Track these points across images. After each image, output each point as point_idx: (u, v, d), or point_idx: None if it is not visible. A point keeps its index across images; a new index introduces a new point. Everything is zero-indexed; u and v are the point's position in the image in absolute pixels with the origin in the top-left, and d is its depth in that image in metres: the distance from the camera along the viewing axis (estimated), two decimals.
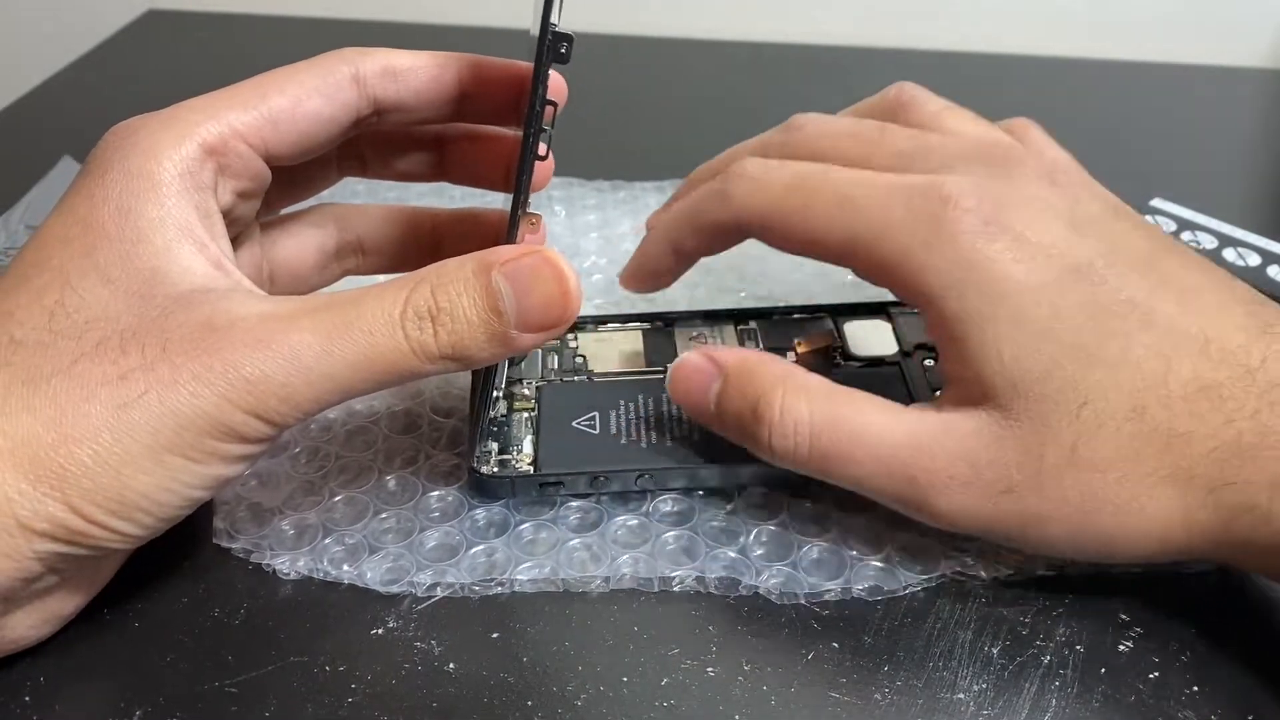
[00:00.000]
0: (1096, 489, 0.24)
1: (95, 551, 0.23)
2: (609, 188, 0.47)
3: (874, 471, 0.26)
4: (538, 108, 0.25)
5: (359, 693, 0.25)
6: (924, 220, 0.26)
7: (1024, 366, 0.25)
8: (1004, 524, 0.25)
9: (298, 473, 0.32)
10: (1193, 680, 0.26)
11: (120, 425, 0.22)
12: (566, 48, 0.25)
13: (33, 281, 0.24)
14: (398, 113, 0.29)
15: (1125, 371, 0.25)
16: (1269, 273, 0.41)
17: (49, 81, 0.59)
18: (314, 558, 0.29)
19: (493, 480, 0.30)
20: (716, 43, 0.64)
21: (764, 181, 0.29)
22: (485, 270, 0.25)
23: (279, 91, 0.27)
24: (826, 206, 0.27)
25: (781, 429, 0.26)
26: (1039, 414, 0.25)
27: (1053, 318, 0.25)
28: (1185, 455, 0.24)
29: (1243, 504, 0.24)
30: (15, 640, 0.25)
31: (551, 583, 0.28)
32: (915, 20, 0.66)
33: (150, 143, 0.25)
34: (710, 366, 0.28)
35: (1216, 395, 0.24)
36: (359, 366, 0.24)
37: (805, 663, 0.26)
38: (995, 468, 0.25)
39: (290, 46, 0.66)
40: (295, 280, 0.32)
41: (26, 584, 0.23)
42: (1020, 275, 0.25)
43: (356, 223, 0.33)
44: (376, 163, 0.32)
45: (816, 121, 0.31)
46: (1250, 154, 0.54)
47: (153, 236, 0.24)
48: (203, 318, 0.23)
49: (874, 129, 0.30)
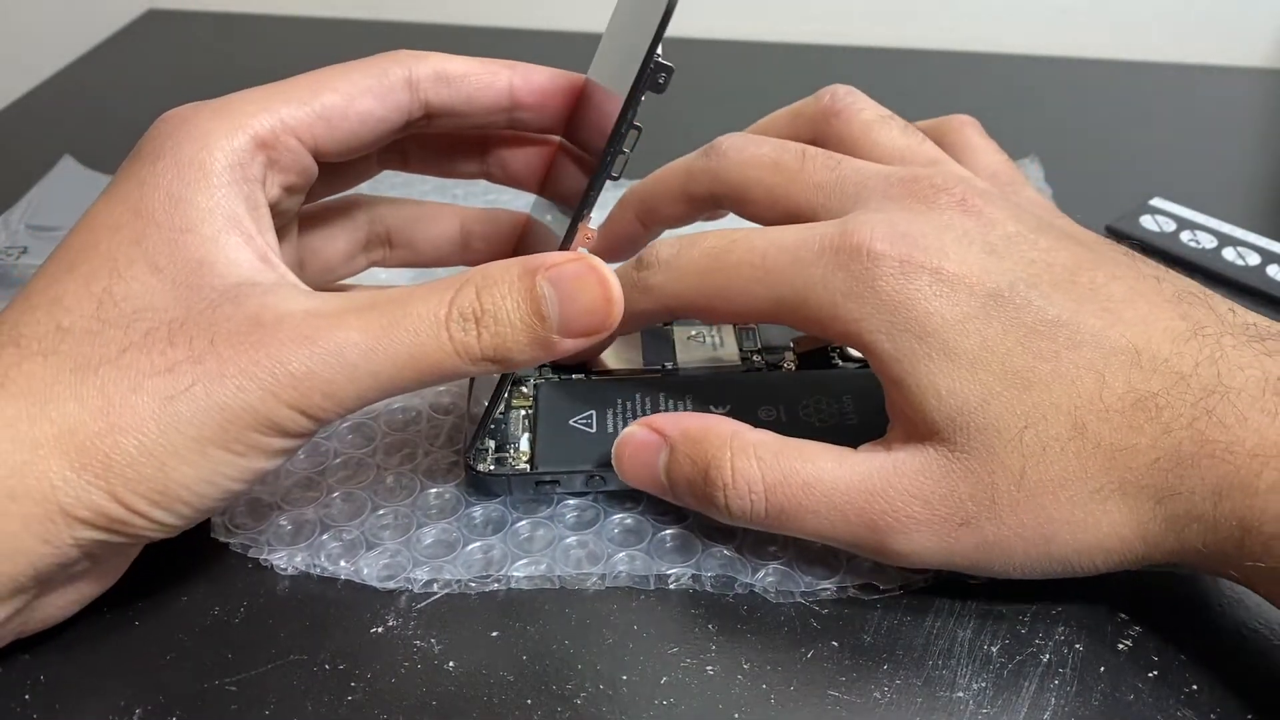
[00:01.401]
0: (1050, 511, 0.25)
1: (133, 540, 0.24)
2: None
3: (832, 521, 0.26)
4: (624, 130, 0.26)
5: (359, 691, 0.25)
6: (841, 272, 0.26)
7: (961, 398, 0.25)
8: (965, 555, 0.25)
9: (296, 468, 0.32)
10: (1193, 680, 0.26)
11: (166, 417, 0.23)
12: (665, 78, 0.25)
13: (80, 268, 0.24)
14: (448, 117, 0.29)
15: (1060, 391, 0.25)
16: (1269, 272, 0.41)
17: (49, 81, 0.59)
18: (311, 553, 0.29)
19: (489, 478, 0.30)
20: (716, 42, 0.64)
21: (679, 268, 0.28)
22: (530, 274, 0.25)
23: (332, 89, 0.27)
24: (745, 281, 0.27)
25: (736, 491, 0.26)
26: (983, 443, 0.25)
27: (981, 347, 0.25)
28: (1129, 468, 0.24)
29: (1189, 513, 0.24)
30: (42, 620, 0.25)
31: (548, 580, 0.28)
32: (915, 20, 0.66)
33: (202, 132, 0.25)
34: (654, 438, 0.28)
35: (1152, 406, 0.24)
36: (403, 365, 0.24)
37: (805, 661, 0.26)
38: (949, 502, 0.25)
39: (290, 46, 0.66)
40: (324, 269, 0.33)
41: (62, 569, 0.24)
42: (943, 310, 0.25)
43: (386, 216, 0.33)
44: (418, 159, 0.33)
45: (739, 146, 0.30)
46: (1250, 154, 0.54)
47: (201, 226, 0.25)
48: (250, 312, 0.24)
49: (795, 156, 0.30)
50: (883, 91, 0.34)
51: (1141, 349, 0.25)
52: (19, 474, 0.22)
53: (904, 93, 0.59)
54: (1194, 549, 0.24)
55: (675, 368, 0.34)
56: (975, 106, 0.32)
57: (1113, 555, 0.25)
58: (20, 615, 0.24)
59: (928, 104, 0.57)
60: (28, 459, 0.22)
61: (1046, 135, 0.53)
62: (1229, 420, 0.24)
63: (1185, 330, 0.25)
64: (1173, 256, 0.43)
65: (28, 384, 0.23)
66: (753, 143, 0.30)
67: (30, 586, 0.23)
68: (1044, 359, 0.25)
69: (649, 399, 0.32)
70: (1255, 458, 0.23)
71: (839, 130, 0.31)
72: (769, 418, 0.31)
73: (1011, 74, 0.61)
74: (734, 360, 0.34)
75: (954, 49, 0.63)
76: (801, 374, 0.33)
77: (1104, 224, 0.45)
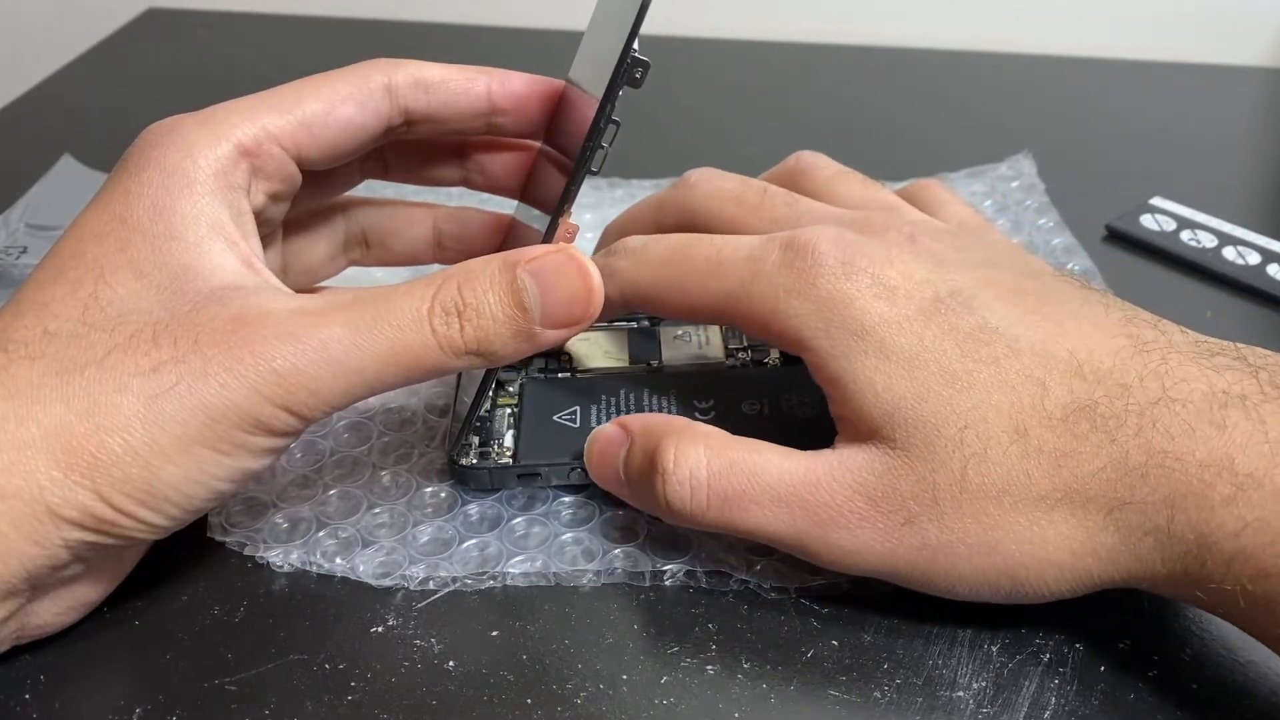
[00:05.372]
0: (994, 516, 0.24)
1: (121, 541, 0.24)
2: (605, 185, 0.47)
3: (774, 514, 0.26)
4: (602, 124, 0.26)
5: (358, 690, 0.25)
6: (786, 270, 0.27)
7: (897, 394, 0.25)
8: (909, 559, 0.25)
9: (292, 467, 0.32)
10: (1192, 680, 0.26)
11: (151, 416, 0.23)
12: (642, 73, 0.26)
13: (67, 274, 0.25)
14: (427, 123, 0.30)
15: (1000, 395, 0.25)
16: (1269, 271, 0.41)
17: (49, 80, 0.59)
18: (307, 551, 0.29)
19: (472, 470, 0.30)
20: (714, 41, 0.64)
21: (642, 256, 0.29)
22: (510, 268, 0.25)
23: (314, 97, 0.28)
24: (698, 274, 0.28)
25: (677, 477, 0.26)
26: (922, 440, 0.25)
27: (919, 346, 0.25)
28: (1075, 475, 0.24)
29: (1142, 525, 0.23)
30: (41, 627, 0.25)
31: (543, 576, 0.28)
32: (915, 20, 0.66)
33: (187, 141, 0.26)
34: (620, 434, 0.28)
35: (1095, 414, 0.24)
36: (387, 361, 0.24)
37: (805, 660, 0.26)
38: (891, 499, 0.25)
39: (290, 45, 0.66)
40: (307, 272, 0.33)
41: (54, 571, 0.23)
42: (882, 310, 0.26)
43: (361, 217, 0.34)
44: (399, 166, 0.33)
45: (707, 180, 0.32)
46: (1250, 153, 0.54)
47: (185, 233, 0.25)
48: (234, 312, 0.24)
49: (757, 192, 0.32)
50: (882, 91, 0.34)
51: (1084, 361, 0.25)
52: (7, 474, 0.22)
53: (904, 92, 0.59)
54: (1152, 567, 0.24)
55: (661, 365, 0.34)
56: (975, 105, 0.32)
57: (1064, 572, 0.24)
58: (15, 619, 0.24)
59: (927, 104, 0.57)
60: (15, 459, 0.22)
61: (1047, 135, 0.53)
62: (1175, 431, 0.23)
63: (1129, 346, 0.25)
64: (1173, 256, 0.43)
65: (15, 386, 0.23)
66: (719, 177, 0.32)
67: (23, 589, 0.23)
68: (983, 363, 0.25)
69: (633, 395, 0.32)
70: (1206, 468, 0.23)
71: (804, 185, 0.33)
72: (753, 411, 0.31)
73: (1011, 73, 0.61)
74: (719, 358, 0.34)
75: (954, 48, 0.63)
76: (785, 369, 0.33)
77: (1104, 223, 0.45)
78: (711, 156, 0.34)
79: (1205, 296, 0.41)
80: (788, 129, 0.54)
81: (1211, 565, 0.23)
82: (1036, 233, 0.44)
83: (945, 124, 0.55)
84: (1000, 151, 0.50)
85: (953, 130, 0.54)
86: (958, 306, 0.26)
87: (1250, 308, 0.40)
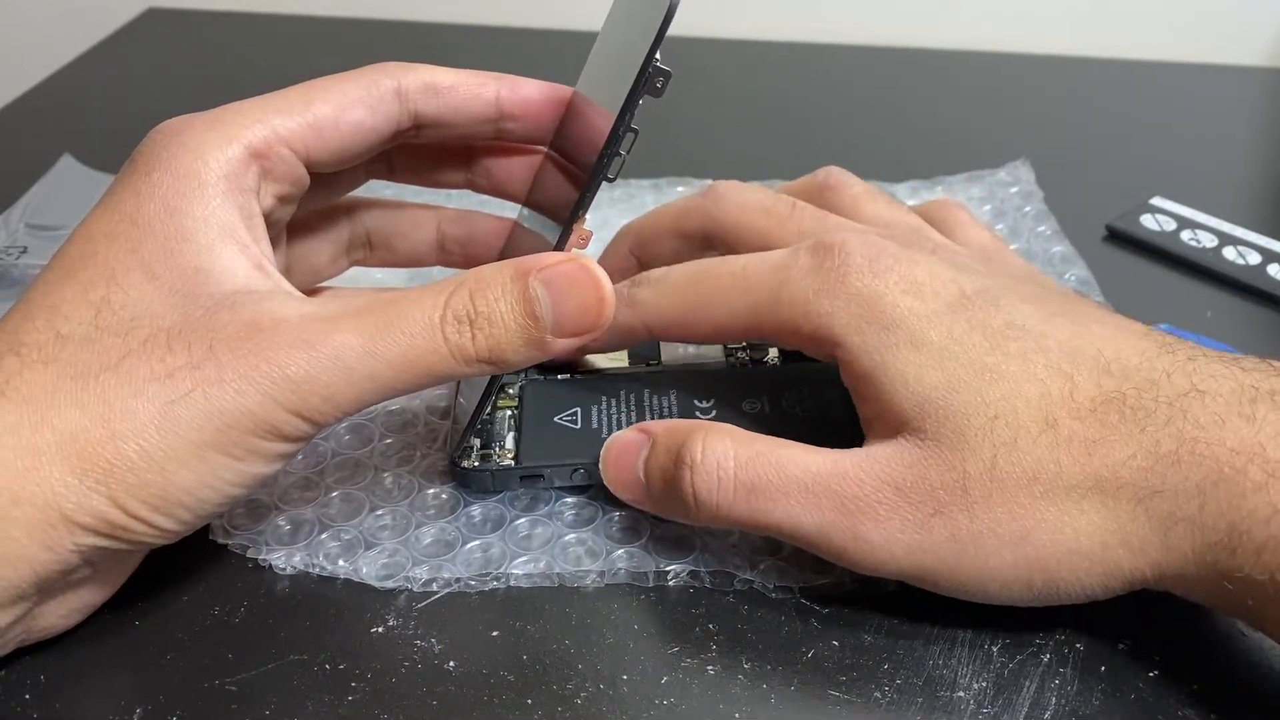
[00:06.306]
0: (1025, 505, 0.24)
1: (132, 546, 0.24)
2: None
3: (801, 505, 0.25)
4: (621, 132, 0.26)
5: (359, 691, 0.25)
6: (814, 272, 0.27)
7: (928, 385, 0.25)
8: (938, 553, 0.25)
9: (294, 469, 0.32)
10: (1193, 679, 0.26)
11: (167, 422, 0.23)
12: (663, 83, 0.26)
13: (78, 276, 0.24)
14: (436, 127, 0.30)
15: (1029, 386, 0.25)
16: (1269, 271, 0.41)
17: (49, 80, 0.59)
18: (310, 553, 0.29)
19: (474, 473, 0.30)
20: (714, 41, 0.64)
21: (664, 283, 0.30)
22: (523, 276, 0.25)
23: (324, 100, 0.28)
24: (724, 291, 0.29)
25: (705, 467, 0.26)
26: (953, 430, 0.25)
27: (949, 339, 0.26)
28: (1105, 464, 0.24)
29: (1173, 513, 0.23)
30: (45, 629, 0.25)
31: (547, 577, 0.28)
32: (916, 20, 0.66)
33: (197, 142, 0.26)
34: (640, 437, 0.28)
35: (1124, 405, 0.24)
36: (399, 367, 0.24)
37: (805, 660, 0.26)
38: (920, 489, 0.25)
39: (290, 45, 0.66)
40: (311, 273, 0.33)
41: (64, 576, 0.24)
42: (912, 305, 0.26)
43: (366, 218, 0.34)
44: (405, 169, 0.33)
45: (737, 192, 0.33)
46: (1250, 153, 0.54)
47: (197, 235, 0.25)
48: (247, 318, 0.24)
49: (786, 205, 0.32)
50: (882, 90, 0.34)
51: (1111, 359, 0.25)
52: (21, 480, 0.22)
53: (903, 91, 0.59)
54: (1182, 558, 0.23)
55: (660, 365, 0.34)
56: (975, 105, 0.32)
57: (1095, 565, 0.24)
58: (21, 623, 0.24)
59: (927, 103, 0.57)
60: (30, 465, 0.22)
61: (1047, 134, 0.53)
62: (1205, 421, 0.23)
63: (1154, 347, 0.25)
64: (1173, 256, 0.43)
65: (29, 391, 0.23)
66: (748, 190, 0.33)
67: (31, 593, 0.23)
68: (1012, 357, 0.25)
69: (634, 395, 0.32)
70: (1237, 455, 0.23)
71: (831, 201, 0.34)
72: (753, 410, 0.31)
73: (1011, 73, 0.61)
74: (718, 357, 0.34)
75: (953, 48, 0.63)
76: (785, 367, 0.34)
77: (1104, 223, 0.45)
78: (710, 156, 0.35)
79: (1205, 296, 0.41)
80: (787, 129, 0.53)
81: (1241, 555, 0.23)
82: (1034, 240, 0.43)
83: (945, 123, 0.55)
84: (1000, 151, 0.50)
85: (953, 129, 0.54)
86: (985, 304, 0.26)
87: (1250, 308, 0.40)
